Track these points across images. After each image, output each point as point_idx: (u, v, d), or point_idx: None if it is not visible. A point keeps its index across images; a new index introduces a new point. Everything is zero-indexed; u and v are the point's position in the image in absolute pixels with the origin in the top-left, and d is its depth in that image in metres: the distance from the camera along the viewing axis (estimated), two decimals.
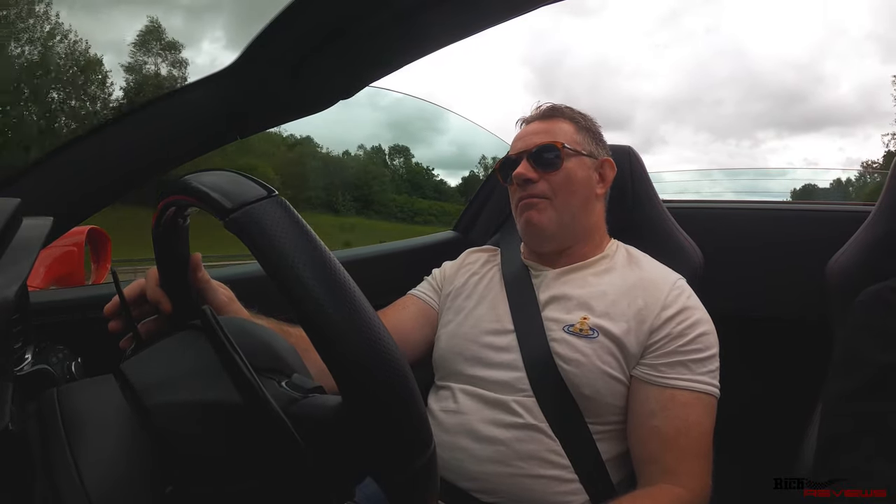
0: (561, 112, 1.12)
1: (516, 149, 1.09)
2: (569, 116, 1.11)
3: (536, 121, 1.12)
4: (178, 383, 0.47)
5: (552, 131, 1.07)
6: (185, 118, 0.86)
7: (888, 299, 0.81)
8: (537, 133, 1.08)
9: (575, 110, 1.13)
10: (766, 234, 1.49)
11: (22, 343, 0.63)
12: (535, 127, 1.10)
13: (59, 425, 0.42)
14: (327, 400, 0.45)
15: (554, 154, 1.04)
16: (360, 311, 0.39)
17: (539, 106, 1.15)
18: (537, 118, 1.13)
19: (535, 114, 1.14)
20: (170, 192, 0.54)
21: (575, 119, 1.11)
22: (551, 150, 1.04)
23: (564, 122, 1.09)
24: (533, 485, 0.91)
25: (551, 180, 1.04)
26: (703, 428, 0.90)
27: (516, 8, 0.78)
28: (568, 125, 1.09)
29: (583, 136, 1.09)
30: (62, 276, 1.23)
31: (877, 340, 0.78)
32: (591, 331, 0.96)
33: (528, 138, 1.08)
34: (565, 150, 1.04)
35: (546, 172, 1.04)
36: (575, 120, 1.11)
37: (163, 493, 0.43)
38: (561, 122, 1.09)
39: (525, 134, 1.10)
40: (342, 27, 0.75)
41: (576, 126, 1.09)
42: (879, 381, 0.75)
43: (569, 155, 1.05)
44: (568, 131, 1.08)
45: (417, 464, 0.40)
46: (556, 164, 1.04)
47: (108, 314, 0.73)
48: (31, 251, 0.44)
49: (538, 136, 1.07)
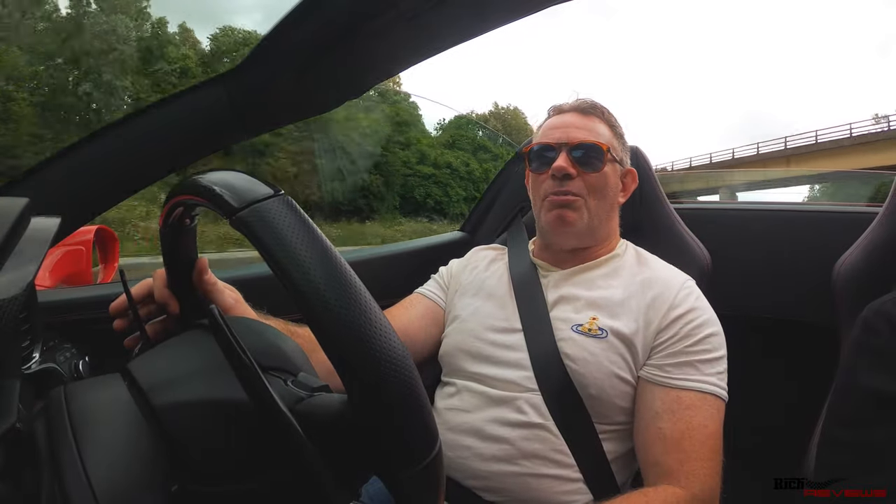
0: (601, 112, 1.09)
1: (554, 137, 1.05)
2: (607, 119, 1.09)
3: (574, 112, 1.08)
4: (184, 382, 0.47)
5: (594, 130, 1.05)
6: (194, 118, 0.86)
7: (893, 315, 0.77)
8: (578, 128, 1.04)
9: (611, 114, 1.10)
10: (773, 236, 1.49)
11: (30, 342, 0.64)
12: (574, 120, 1.06)
13: (67, 424, 0.42)
14: (333, 399, 0.45)
15: (598, 156, 1.02)
16: (366, 311, 0.39)
17: (579, 98, 1.11)
18: (575, 110, 1.09)
19: (572, 104, 1.10)
20: (177, 192, 0.54)
21: (612, 123, 1.09)
22: (596, 151, 1.02)
23: (602, 124, 1.07)
24: (538, 484, 0.90)
25: (588, 180, 1.02)
26: (708, 430, 0.88)
27: (524, 8, 0.77)
28: (606, 128, 1.07)
29: (617, 142, 1.08)
30: (70, 276, 1.24)
31: (875, 364, 0.76)
32: (601, 331, 0.95)
33: (569, 131, 1.04)
34: (608, 154, 1.03)
35: (585, 172, 1.02)
36: (612, 124, 1.09)
37: (169, 491, 0.43)
38: (600, 123, 1.07)
39: (563, 124, 1.06)
40: (350, 27, 0.75)
41: (613, 131, 1.08)
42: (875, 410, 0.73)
43: (609, 160, 1.03)
44: (607, 135, 1.06)
45: (423, 463, 0.40)
46: (597, 167, 1.02)
47: (114, 312, 0.73)
48: (40, 251, 0.44)
49: (580, 131, 1.04)
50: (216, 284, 0.75)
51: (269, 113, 0.92)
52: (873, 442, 0.72)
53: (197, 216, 0.61)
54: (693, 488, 0.85)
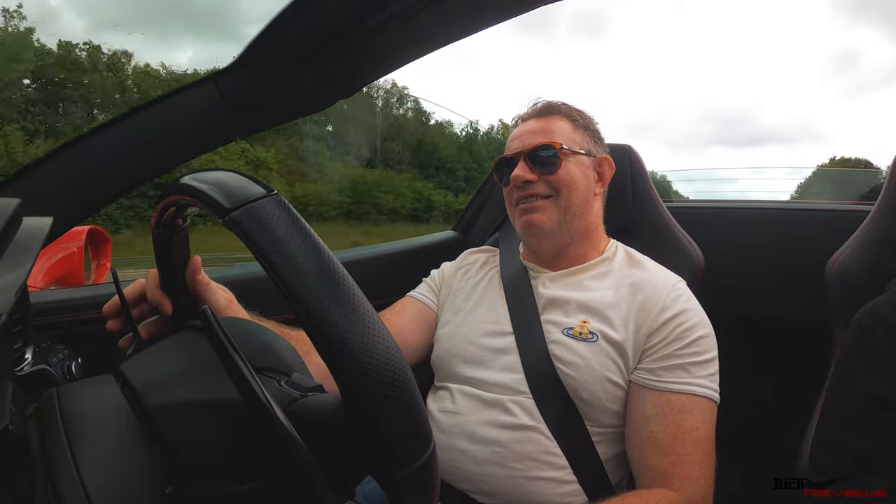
0: (557, 110, 1.09)
1: (513, 148, 1.07)
2: (566, 114, 1.09)
3: (533, 119, 1.09)
4: (177, 383, 0.47)
5: (549, 130, 1.05)
6: (185, 118, 0.86)
7: (887, 317, 0.78)
8: (534, 132, 1.06)
9: (572, 107, 1.11)
10: (765, 234, 1.49)
11: (22, 343, 0.63)
12: (532, 125, 1.07)
13: (59, 425, 0.42)
14: (327, 399, 0.45)
15: (552, 155, 1.02)
16: (360, 311, 0.39)
17: (535, 103, 1.13)
18: (533, 116, 1.10)
19: (531, 111, 1.12)
20: (169, 192, 0.54)
21: (572, 117, 1.09)
22: (549, 150, 1.02)
23: (561, 120, 1.07)
24: (531, 486, 0.90)
25: (550, 181, 1.02)
26: (700, 433, 0.88)
27: (514, 8, 0.78)
28: (565, 123, 1.07)
29: (580, 135, 1.07)
30: (62, 277, 1.23)
31: (868, 367, 0.76)
32: (591, 334, 0.95)
33: (525, 138, 1.06)
34: (563, 150, 1.02)
35: (544, 173, 1.02)
36: (572, 118, 1.08)
37: (163, 493, 0.43)
38: (558, 121, 1.07)
39: (521, 133, 1.08)
40: (342, 26, 0.75)
41: (573, 124, 1.07)
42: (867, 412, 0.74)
43: (567, 155, 1.03)
44: (565, 130, 1.06)
45: (417, 463, 0.40)
46: (554, 165, 1.02)
47: (107, 313, 0.73)
48: (32, 251, 0.44)
49: (535, 135, 1.05)
50: (209, 285, 0.75)
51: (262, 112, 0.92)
52: (866, 443, 0.73)
53: (189, 216, 0.61)
54: (686, 491, 0.85)
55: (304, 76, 0.85)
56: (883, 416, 0.72)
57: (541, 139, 1.04)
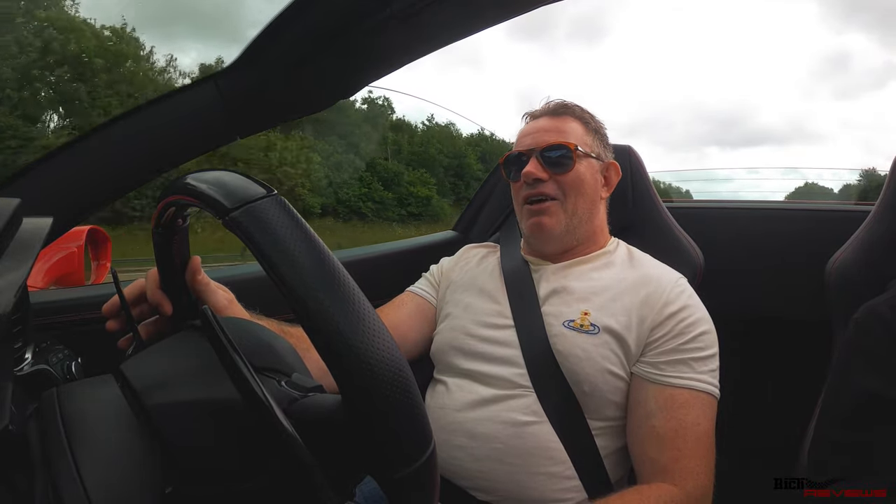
0: (571, 110, 1.09)
1: (525, 145, 1.06)
2: (579, 116, 1.09)
3: (546, 117, 1.09)
4: (177, 383, 0.47)
5: (563, 130, 1.05)
6: (185, 118, 0.85)
7: (885, 317, 0.78)
8: (548, 130, 1.05)
9: (585, 110, 1.11)
10: (765, 234, 1.49)
11: (22, 343, 0.63)
12: (545, 123, 1.07)
13: (59, 425, 0.42)
14: (327, 399, 0.45)
15: (566, 155, 1.02)
16: (360, 311, 0.39)
17: (549, 101, 1.12)
18: (546, 114, 1.10)
19: (544, 109, 1.12)
20: (169, 192, 0.54)
21: (585, 119, 1.09)
22: (562, 150, 1.02)
23: (574, 122, 1.07)
24: (531, 482, 0.90)
25: (561, 181, 1.02)
26: (701, 428, 0.88)
27: (514, 7, 0.77)
28: (578, 125, 1.07)
29: (591, 138, 1.08)
30: (62, 277, 1.23)
31: (867, 366, 0.77)
32: (592, 326, 0.95)
33: (538, 135, 1.06)
34: (577, 151, 1.03)
35: (556, 173, 1.02)
36: (585, 120, 1.09)
37: (163, 493, 0.43)
38: (571, 121, 1.07)
39: (534, 130, 1.07)
40: (342, 26, 0.75)
41: (585, 127, 1.08)
42: (866, 410, 0.74)
43: (580, 157, 1.03)
44: (578, 132, 1.06)
45: (417, 463, 0.40)
46: (567, 166, 1.02)
47: (107, 313, 0.73)
48: (31, 251, 0.44)
49: (549, 133, 1.05)
50: (209, 285, 0.75)
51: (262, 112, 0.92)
52: (865, 442, 0.73)
53: (189, 216, 0.61)
54: (687, 486, 0.85)
55: (304, 76, 0.85)
56: (882, 414, 0.72)
57: (555, 138, 1.04)
